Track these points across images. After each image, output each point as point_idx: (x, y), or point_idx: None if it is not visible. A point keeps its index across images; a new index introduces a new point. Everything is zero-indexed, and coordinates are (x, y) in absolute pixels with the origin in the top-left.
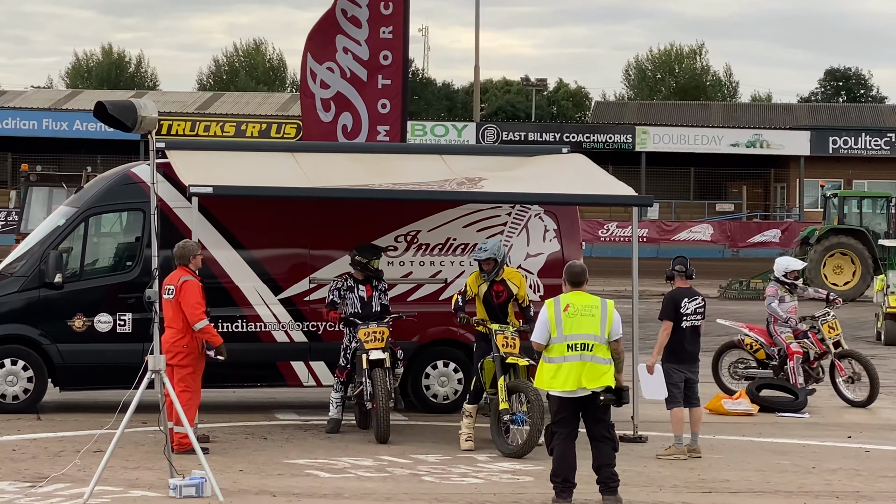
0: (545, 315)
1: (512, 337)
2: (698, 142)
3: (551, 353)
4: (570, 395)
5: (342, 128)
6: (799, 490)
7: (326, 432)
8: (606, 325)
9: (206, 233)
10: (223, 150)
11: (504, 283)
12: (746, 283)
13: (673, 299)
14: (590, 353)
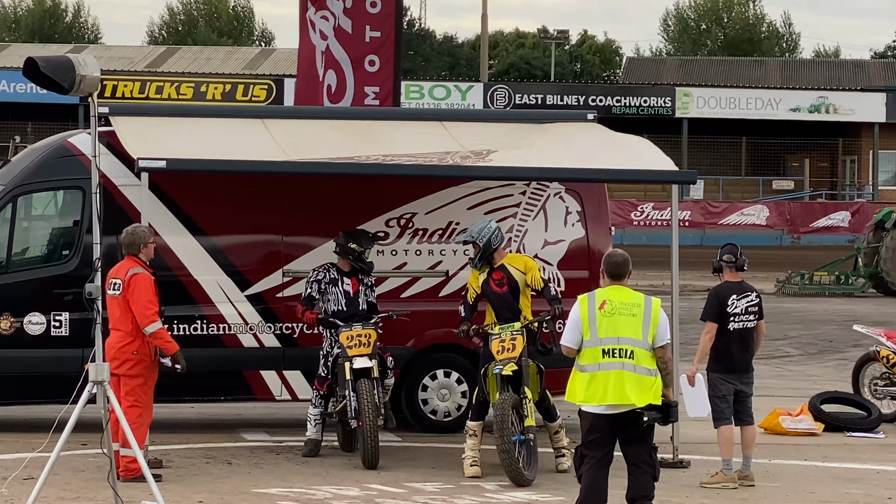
0: (576, 313)
1: (511, 338)
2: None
3: (583, 359)
4: (605, 412)
5: (326, 89)
6: None
7: (303, 455)
8: (650, 328)
9: (158, 216)
10: (179, 117)
11: (504, 270)
12: (809, 276)
13: (718, 296)
14: (631, 361)
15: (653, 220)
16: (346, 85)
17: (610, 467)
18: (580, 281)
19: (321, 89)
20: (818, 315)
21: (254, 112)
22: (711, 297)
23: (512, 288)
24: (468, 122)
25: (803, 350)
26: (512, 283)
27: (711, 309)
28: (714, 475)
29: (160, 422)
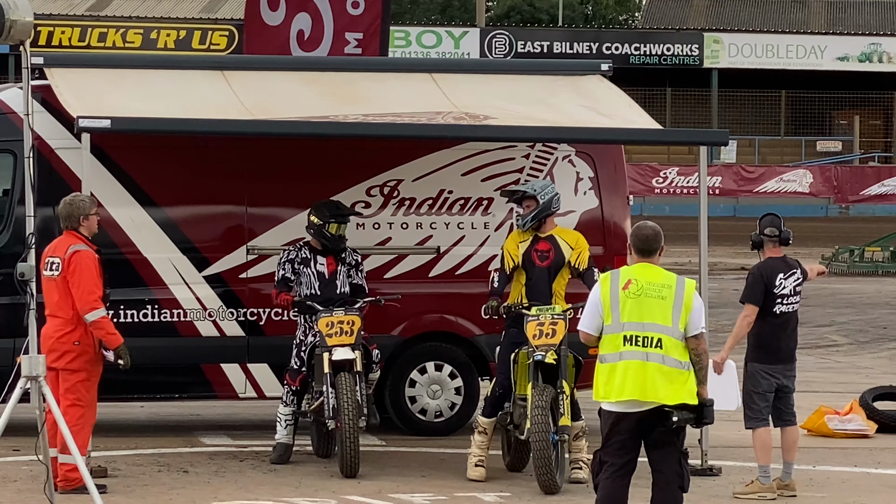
0: (597, 294)
1: (551, 322)
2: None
3: (604, 348)
4: (628, 410)
5: (297, 34)
6: None
7: (271, 462)
8: (682, 314)
9: (101, 184)
10: (126, 69)
11: (553, 241)
12: (860, 252)
13: (763, 275)
14: (659, 352)
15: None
16: (323, 30)
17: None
18: (594, 258)
19: (285, 35)
20: (870, 297)
21: (213, 63)
22: (755, 276)
23: (556, 264)
24: (462, 74)
25: (853, 338)
26: (558, 259)
27: (755, 290)
28: (749, 484)
29: (105, 424)
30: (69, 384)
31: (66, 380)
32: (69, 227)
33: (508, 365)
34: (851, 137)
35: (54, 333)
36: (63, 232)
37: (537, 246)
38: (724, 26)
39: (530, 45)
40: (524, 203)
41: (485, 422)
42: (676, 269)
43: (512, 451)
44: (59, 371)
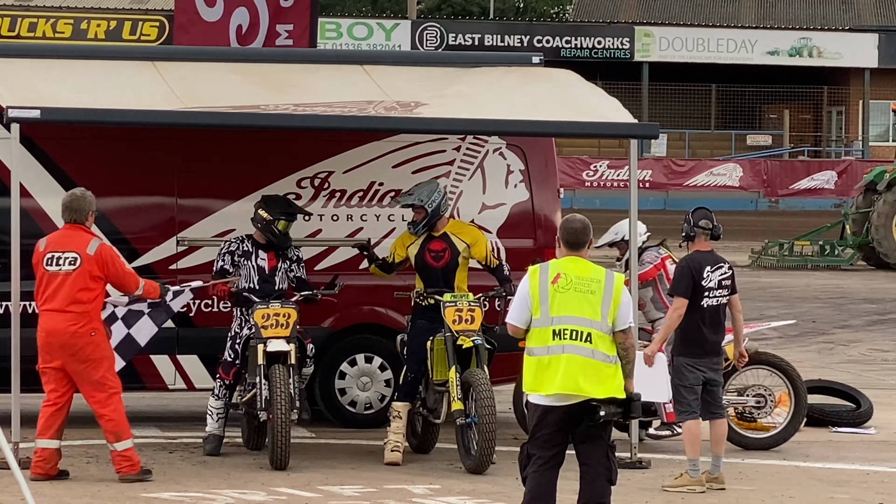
0: (526, 287)
1: (468, 308)
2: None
3: (532, 341)
4: (555, 404)
5: (236, 29)
6: None
7: (205, 454)
8: (611, 309)
9: (31, 174)
10: (55, 58)
11: (447, 240)
12: (789, 246)
13: (690, 268)
14: (588, 346)
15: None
16: (259, 23)
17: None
18: (524, 251)
19: (224, 30)
20: (799, 291)
21: (144, 53)
22: (683, 268)
23: (451, 262)
24: (393, 65)
25: (782, 332)
26: (452, 258)
27: (683, 283)
28: (678, 477)
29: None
30: (98, 376)
31: (93, 372)
32: (75, 221)
33: (423, 352)
34: (781, 131)
35: (69, 328)
36: (67, 225)
37: (430, 246)
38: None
39: (461, 38)
40: (414, 210)
41: (400, 406)
42: (607, 262)
43: (420, 434)
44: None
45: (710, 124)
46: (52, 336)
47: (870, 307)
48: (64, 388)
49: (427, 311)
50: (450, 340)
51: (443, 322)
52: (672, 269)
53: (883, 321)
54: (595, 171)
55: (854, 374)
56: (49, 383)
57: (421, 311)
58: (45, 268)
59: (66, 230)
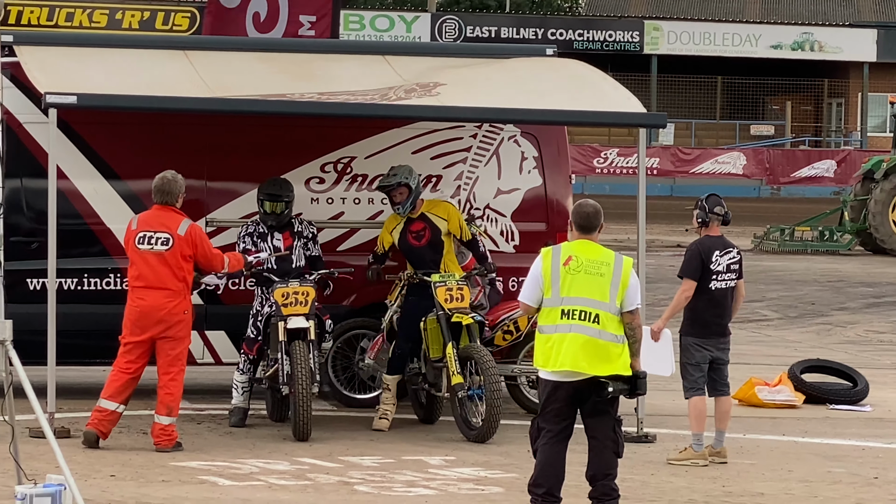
0: (538, 268)
1: (458, 287)
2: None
3: (542, 319)
4: (564, 380)
5: (253, 17)
6: None
7: (231, 425)
8: (619, 290)
9: (67, 157)
10: (91, 47)
11: (425, 219)
12: (790, 231)
13: (701, 251)
14: (596, 326)
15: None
16: (279, 13)
17: (569, 441)
18: (537, 234)
19: (241, 18)
20: (799, 275)
21: (175, 43)
22: (693, 252)
23: (433, 240)
24: (414, 56)
25: (783, 313)
26: (434, 235)
27: (692, 265)
28: (682, 451)
29: (68, 386)
30: (176, 352)
31: (175, 348)
32: (166, 202)
33: (414, 330)
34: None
35: (166, 305)
36: (158, 206)
37: (411, 227)
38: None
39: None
40: (397, 191)
41: (389, 379)
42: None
43: (425, 405)
44: (168, 340)
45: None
46: (149, 311)
47: (866, 290)
48: (142, 361)
49: (416, 287)
50: (443, 319)
51: (433, 301)
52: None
53: (879, 304)
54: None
55: (851, 355)
56: (128, 354)
57: (411, 289)
58: (136, 246)
59: (157, 210)
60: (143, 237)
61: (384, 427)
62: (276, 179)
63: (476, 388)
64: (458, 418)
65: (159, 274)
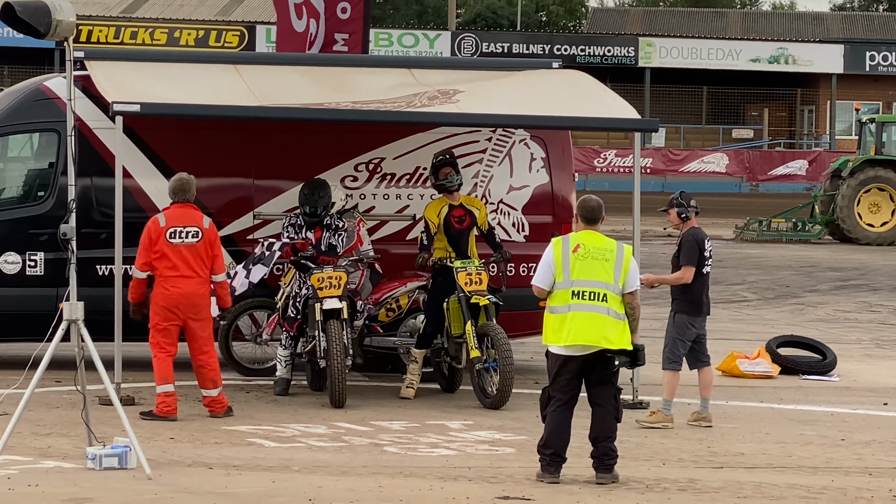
0: (550, 255)
1: (477, 272)
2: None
3: (554, 301)
4: (574, 353)
5: (310, 38)
6: (826, 465)
7: (275, 394)
8: (622, 274)
9: (132, 158)
10: (153, 62)
11: (463, 208)
12: (767, 222)
13: (696, 241)
14: (605, 304)
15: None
16: (318, 31)
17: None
18: (544, 225)
19: (304, 38)
20: (775, 261)
21: (226, 58)
22: (691, 242)
23: (471, 225)
24: (435, 69)
25: (760, 295)
26: (472, 221)
27: (693, 254)
28: (653, 414)
29: (133, 360)
30: (208, 332)
31: (205, 329)
32: (187, 200)
33: (439, 311)
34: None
35: (197, 290)
36: (178, 204)
37: (454, 213)
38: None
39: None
40: (442, 171)
41: (417, 352)
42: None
43: (447, 376)
44: (201, 321)
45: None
46: (183, 298)
47: (834, 275)
48: (177, 341)
49: (443, 270)
50: (463, 300)
51: (455, 283)
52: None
53: (845, 286)
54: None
55: (821, 331)
56: (168, 338)
57: (438, 271)
58: (168, 240)
59: (180, 208)
60: (174, 232)
61: (410, 395)
62: (313, 183)
63: (491, 361)
64: (476, 388)
65: (191, 263)
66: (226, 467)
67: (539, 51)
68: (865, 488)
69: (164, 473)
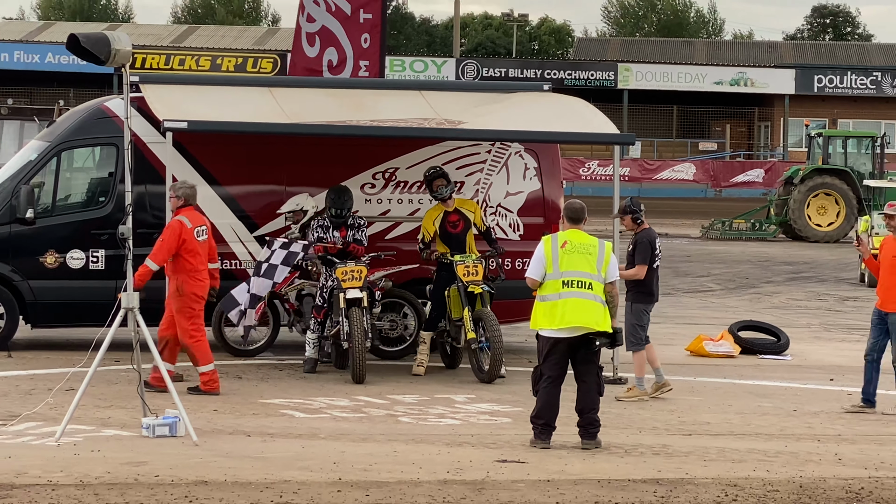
0: (542, 251)
1: (473, 265)
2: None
3: (545, 290)
4: (564, 336)
5: (328, 63)
6: (780, 433)
7: (304, 372)
8: (603, 265)
9: (180, 168)
10: (198, 85)
11: (459, 213)
12: (729, 223)
13: (649, 241)
14: (590, 292)
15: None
16: (346, 59)
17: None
18: (536, 226)
19: (319, 63)
20: (736, 256)
21: (262, 81)
22: (644, 243)
23: (465, 228)
24: (442, 91)
25: (724, 285)
26: (466, 224)
27: (646, 253)
28: (629, 390)
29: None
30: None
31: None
32: (192, 204)
33: (443, 297)
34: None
35: (208, 277)
36: (187, 207)
37: (449, 218)
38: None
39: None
40: (436, 182)
41: (425, 334)
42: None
43: (449, 355)
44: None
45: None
46: (208, 285)
47: (788, 268)
48: None
49: (445, 265)
50: (462, 289)
51: (455, 275)
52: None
53: (797, 278)
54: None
55: (776, 317)
56: (199, 321)
57: (441, 265)
58: (197, 238)
59: (192, 211)
60: (198, 231)
61: (421, 372)
62: (337, 188)
63: (485, 341)
64: (473, 365)
65: (206, 256)
66: (262, 435)
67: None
68: (814, 452)
69: (209, 440)
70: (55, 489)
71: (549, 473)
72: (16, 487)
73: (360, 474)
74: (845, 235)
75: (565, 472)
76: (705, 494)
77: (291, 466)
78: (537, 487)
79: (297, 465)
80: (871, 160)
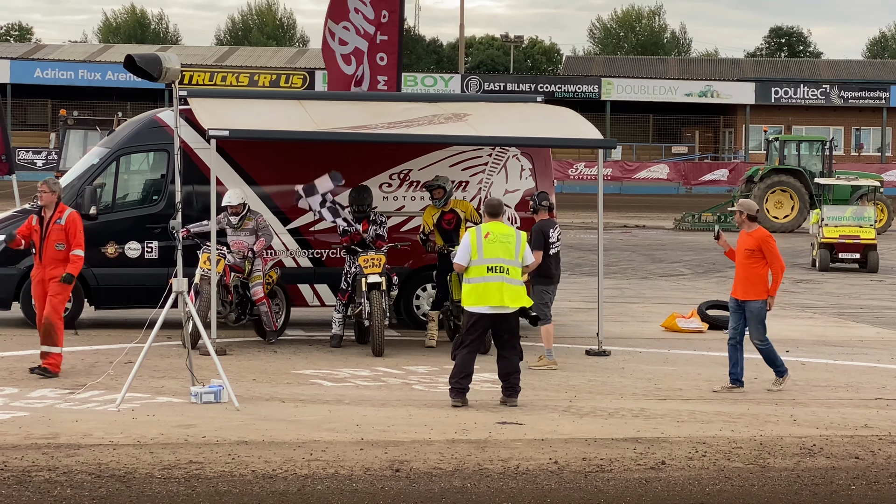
0: (468, 240)
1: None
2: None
3: (472, 274)
4: (486, 312)
5: (356, 78)
6: (743, 398)
7: (331, 346)
8: (520, 252)
9: (223, 171)
10: (238, 98)
11: (454, 212)
12: (698, 216)
13: (541, 230)
14: (508, 276)
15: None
16: (365, 75)
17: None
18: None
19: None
20: (704, 245)
21: (293, 95)
22: (537, 231)
23: (457, 224)
24: (450, 101)
25: (694, 270)
26: (458, 221)
27: (538, 241)
28: (540, 359)
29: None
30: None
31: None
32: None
33: (446, 281)
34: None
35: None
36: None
37: (445, 217)
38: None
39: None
40: (437, 191)
41: (433, 313)
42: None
43: (452, 329)
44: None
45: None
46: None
47: None
48: None
49: (445, 256)
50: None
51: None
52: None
53: None
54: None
55: None
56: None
57: (442, 255)
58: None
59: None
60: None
61: (433, 345)
62: (359, 188)
63: None
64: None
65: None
66: (294, 401)
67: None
68: (773, 414)
69: (249, 406)
70: (116, 448)
71: (543, 433)
72: (82, 447)
73: (379, 434)
74: (799, 226)
75: (557, 432)
76: (678, 451)
77: (320, 428)
78: (533, 445)
79: (325, 426)
80: (821, 161)
